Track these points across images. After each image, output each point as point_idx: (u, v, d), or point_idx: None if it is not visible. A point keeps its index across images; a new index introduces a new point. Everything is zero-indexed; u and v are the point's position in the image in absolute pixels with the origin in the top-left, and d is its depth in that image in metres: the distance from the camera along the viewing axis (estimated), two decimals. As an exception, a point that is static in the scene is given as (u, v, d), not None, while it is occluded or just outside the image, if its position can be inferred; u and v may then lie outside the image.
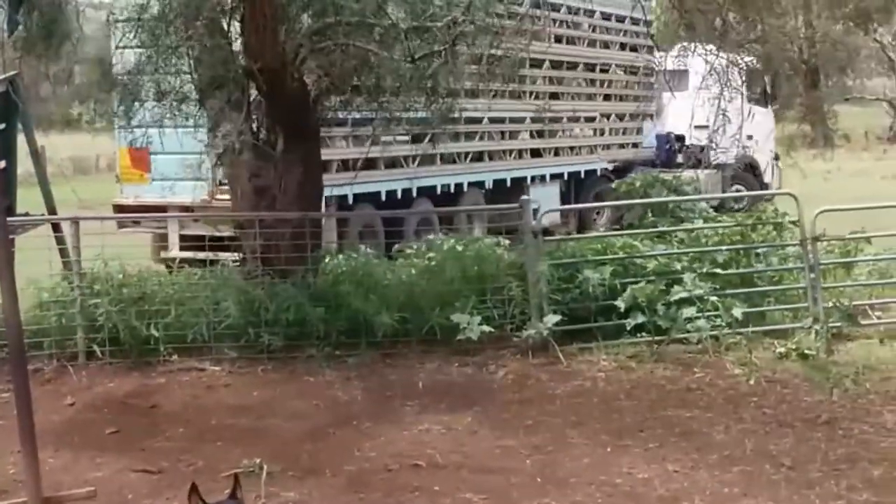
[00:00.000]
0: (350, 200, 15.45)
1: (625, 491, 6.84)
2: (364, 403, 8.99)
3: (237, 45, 10.23)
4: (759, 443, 7.62)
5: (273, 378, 9.66)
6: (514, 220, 11.19)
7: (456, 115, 11.89)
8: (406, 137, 15.44)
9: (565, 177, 21.65)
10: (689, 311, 10.12)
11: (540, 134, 20.81)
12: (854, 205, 12.43)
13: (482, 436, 8.04)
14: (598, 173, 22.44)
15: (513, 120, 19.81)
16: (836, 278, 11.55)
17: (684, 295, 10.23)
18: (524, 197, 11.42)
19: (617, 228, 16.59)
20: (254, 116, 10.59)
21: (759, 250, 11.36)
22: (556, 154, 21.37)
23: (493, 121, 18.67)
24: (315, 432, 8.21)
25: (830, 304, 10.47)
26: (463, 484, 7.02)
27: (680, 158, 24.52)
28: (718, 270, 10.85)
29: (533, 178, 20.33)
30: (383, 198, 16.30)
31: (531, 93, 19.73)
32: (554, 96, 20.77)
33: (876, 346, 9.66)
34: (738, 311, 10.26)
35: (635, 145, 24.23)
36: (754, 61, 19.14)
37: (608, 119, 23.32)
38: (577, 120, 22.03)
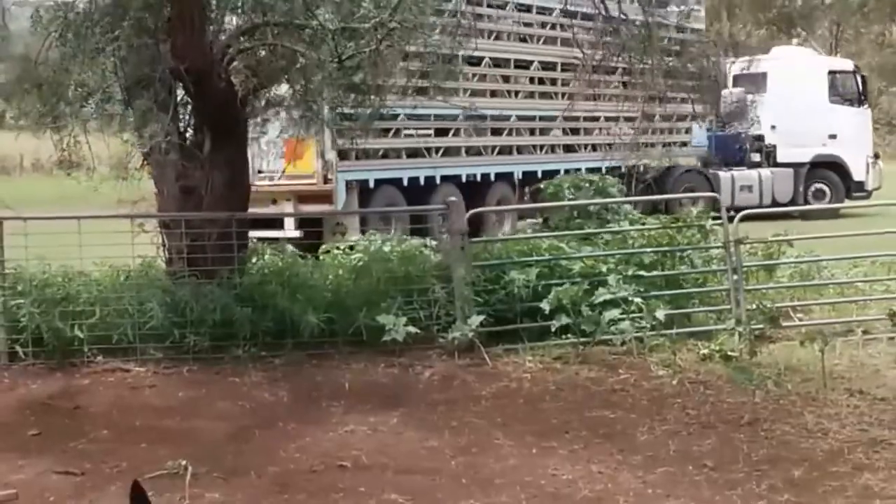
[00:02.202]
0: (371, 185, 18.39)
1: (549, 492, 6.88)
2: (290, 404, 8.97)
3: (164, 45, 10.14)
4: (682, 443, 7.70)
5: (198, 379, 9.59)
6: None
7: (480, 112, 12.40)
8: (429, 131, 19.03)
9: (603, 171, 22.40)
10: (613, 313, 10.21)
11: (574, 131, 23.08)
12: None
13: (407, 437, 8.05)
14: (642, 168, 24.14)
15: (543, 118, 22.07)
16: (758, 280, 11.73)
17: (609, 297, 10.33)
18: (451, 198, 11.42)
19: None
20: (181, 117, 10.52)
21: (683, 253, 11.49)
22: (594, 149, 23.24)
23: (522, 118, 19.68)
24: (240, 433, 8.18)
25: (753, 307, 10.62)
26: (388, 485, 7.02)
27: (756, 157, 27.18)
28: (643, 272, 10.97)
29: (567, 171, 21.49)
30: (405, 183, 18.87)
31: (562, 94, 22.21)
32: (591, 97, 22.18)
33: (797, 348, 9.78)
34: (662, 313, 10.37)
35: (683, 144, 26.51)
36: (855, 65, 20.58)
37: (653, 119, 24.26)
38: (617, 120, 23.24)
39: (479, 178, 20.55)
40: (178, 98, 10.33)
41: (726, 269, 11.09)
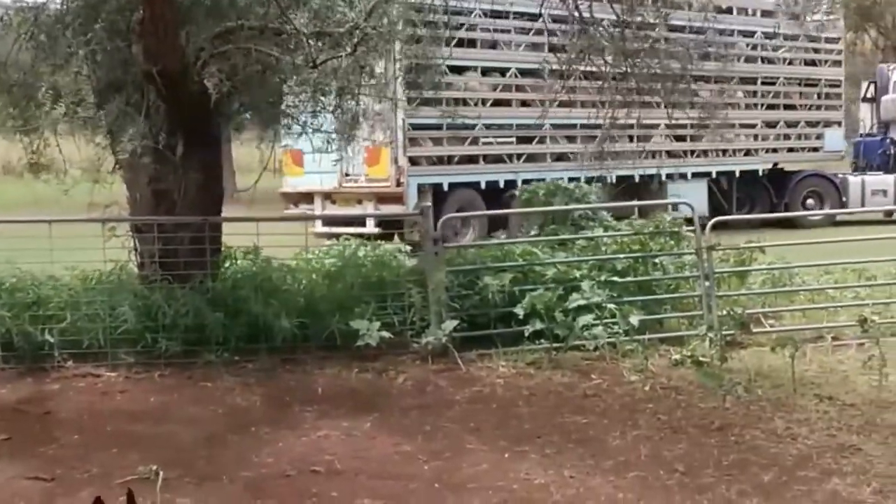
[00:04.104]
0: (445, 188, 20.52)
1: (521, 497, 6.88)
2: (262, 409, 8.94)
3: (137, 48, 10.10)
4: (653, 449, 7.73)
5: (170, 384, 9.56)
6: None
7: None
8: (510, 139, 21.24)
9: (713, 175, 25.01)
10: (586, 319, 10.25)
11: (680, 138, 24.17)
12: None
13: (381, 441, 8.04)
14: (761, 173, 26.20)
15: (641, 126, 22.06)
16: (730, 287, 11.79)
17: (582, 302, 10.37)
18: (425, 204, 11.48)
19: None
20: (153, 120, 10.47)
21: (656, 259, 11.54)
22: (704, 155, 25.00)
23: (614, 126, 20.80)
24: (212, 438, 8.15)
25: (724, 313, 10.68)
26: (361, 490, 7.01)
27: None
28: (616, 278, 11.01)
29: (670, 175, 23.84)
30: (483, 186, 20.85)
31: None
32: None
33: (768, 354, 9.83)
34: (634, 319, 10.42)
35: (815, 149, 27.61)
36: None
37: (775, 126, 26.71)
38: (732, 126, 24.86)
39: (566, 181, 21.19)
40: (151, 101, 10.27)
41: (698, 276, 11.14)
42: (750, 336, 10.61)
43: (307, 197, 21.05)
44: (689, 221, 11.54)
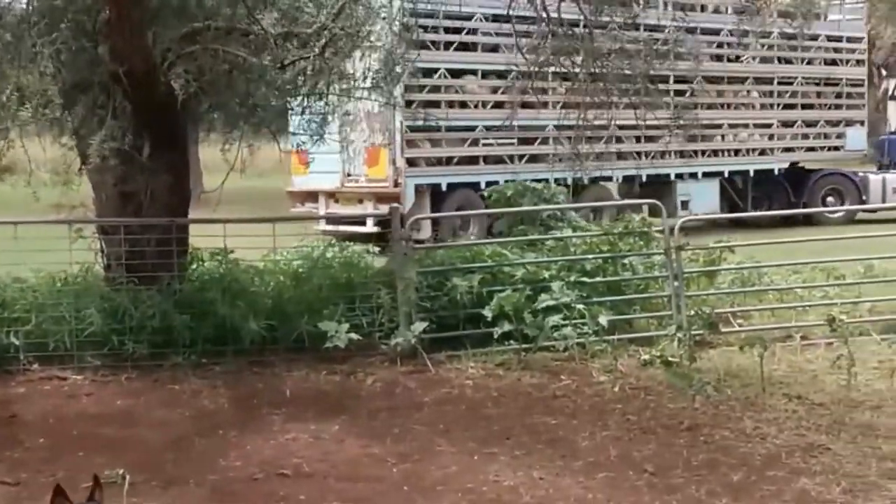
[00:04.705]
0: (444, 188, 20.87)
1: (491, 498, 6.87)
2: (230, 412, 8.90)
3: (103, 48, 10.03)
4: (623, 449, 7.73)
5: (137, 387, 9.51)
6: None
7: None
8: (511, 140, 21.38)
9: (726, 174, 25.34)
10: (555, 319, 10.24)
11: (692, 138, 23.95)
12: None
13: (349, 444, 8.01)
14: (776, 172, 26.30)
15: (651, 126, 22.81)
16: (699, 287, 11.81)
17: (551, 303, 10.36)
18: (395, 205, 11.44)
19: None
20: (120, 121, 10.39)
21: (626, 259, 11.54)
22: (715, 154, 25.27)
23: (621, 127, 21.16)
24: (179, 441, 8.10)
25: (693, 313, 10.70)
26: (329, 493, 6.99)
27: None
28: (585, 279, 11.01)
29: (680, 175, 24.19)
30: (482, 186, 20.07)
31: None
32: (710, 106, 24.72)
33: (737, 354, 9.86)
34: (604, 319, 10.43)
35: (836, 148, 27.73)
36: None
37: (792, 125, 26.91)
38: (746, 126, 25.95)
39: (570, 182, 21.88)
40: (118, 102, 10.20)
41: (668, 276, 11.16)
42: (719, 336, 10.63)
43: (312, 196, 21.77)
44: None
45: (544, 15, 10.97)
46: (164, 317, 9.91)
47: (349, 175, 21.16)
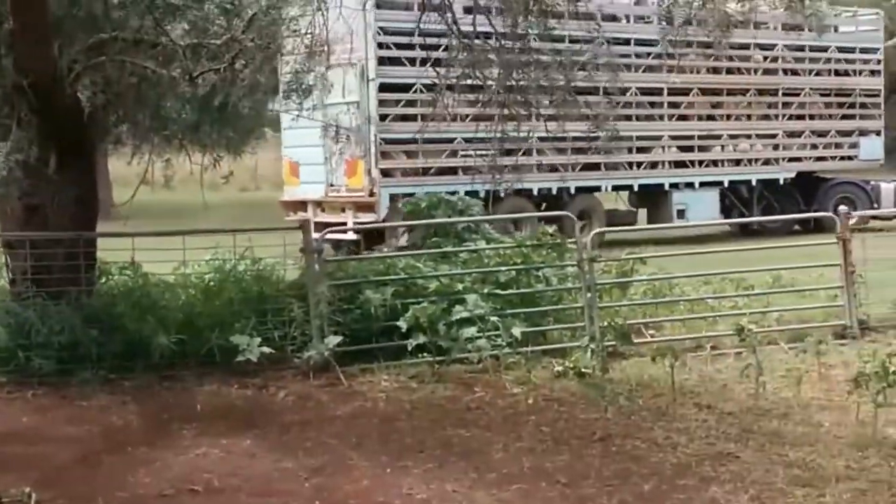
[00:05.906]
0: None
1: (403, 511, 6.85)
2: (139, 428, 8.79)
3: (7, 59, 9.86)
4: (536, 460, 7.73)
5: (44, 403, 9.37)
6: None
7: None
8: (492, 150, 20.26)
9: (725, 184, 25.87)
10: (470, 331, 10.25)
11: (687, 149, 25.54)
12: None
13: (261, 458, 7.93)
14: (782, 181, 26.75)
15: (642, 138, 24.52)
16: (612, 298, 11.88)
17: (465, 315, 10.36)
18: (303, 216, 11.37)
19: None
20: (25, 133, 10.22)
21: (539, 271, 11.58)
22: (714, 164, 25.89)
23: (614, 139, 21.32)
24: (87, 458, 7.97)
25: (606, 324, 10.77)
26: (240, 508, 6.92)
27: None
28: (499, 291, 11.03)
29: (676, 185, 24.92)
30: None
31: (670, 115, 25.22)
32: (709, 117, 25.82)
33: (648, 364, 9.91)
34: (517, 331, 10.44)
35: (849, 158, 28.05)
36: None
37: (799, 136, 27.23)
38: (748, 136, 26.59)
39: (554, 192, 22.94)
40: (23, 113, 10.02)
41: (581, 287, 11.21)
42: (631, 347, 10.70)
43: (302, 205, 22.89)
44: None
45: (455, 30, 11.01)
46: (72, 332, 9.75)
47: (332, 185, 22.53)
